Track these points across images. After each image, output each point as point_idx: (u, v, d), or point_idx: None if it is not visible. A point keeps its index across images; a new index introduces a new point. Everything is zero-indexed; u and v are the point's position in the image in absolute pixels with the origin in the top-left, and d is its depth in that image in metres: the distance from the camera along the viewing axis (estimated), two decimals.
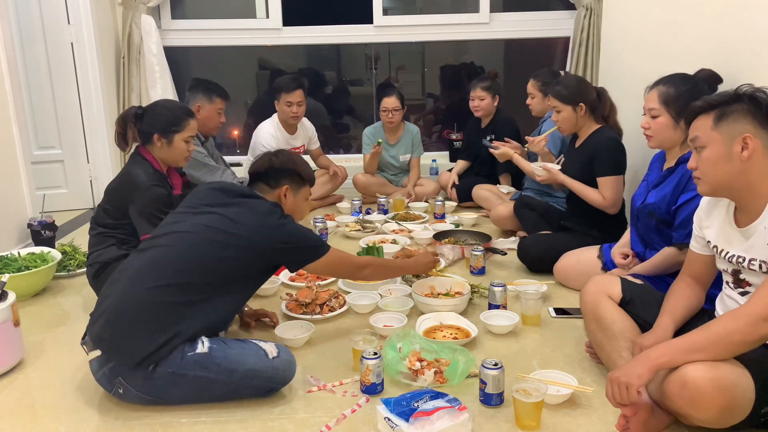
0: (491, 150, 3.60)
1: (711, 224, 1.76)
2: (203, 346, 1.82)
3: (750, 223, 1.61)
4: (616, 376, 1.54)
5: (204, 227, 1.93)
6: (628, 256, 2.41)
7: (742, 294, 1.68)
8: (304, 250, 2.04)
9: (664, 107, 2.20)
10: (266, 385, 1.87)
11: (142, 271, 1.87)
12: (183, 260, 1.87)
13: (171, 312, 1.82)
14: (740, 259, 1.63)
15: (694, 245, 1.85)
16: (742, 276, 1.66)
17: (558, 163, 3.13)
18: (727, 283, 1.74)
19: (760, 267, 1.59)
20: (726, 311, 1.69)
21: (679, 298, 1.83)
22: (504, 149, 3.51)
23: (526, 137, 3.49)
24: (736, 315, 1.52)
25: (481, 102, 4.00)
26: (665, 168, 2.25)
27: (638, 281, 2.07)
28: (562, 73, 3.71)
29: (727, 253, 1.68)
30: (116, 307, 1.82)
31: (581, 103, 2.88)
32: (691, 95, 2.12)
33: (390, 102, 4.17)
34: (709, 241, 1.76)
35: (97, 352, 1.83)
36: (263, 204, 2.02)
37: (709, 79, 2.35)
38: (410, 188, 4.32)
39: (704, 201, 1.80)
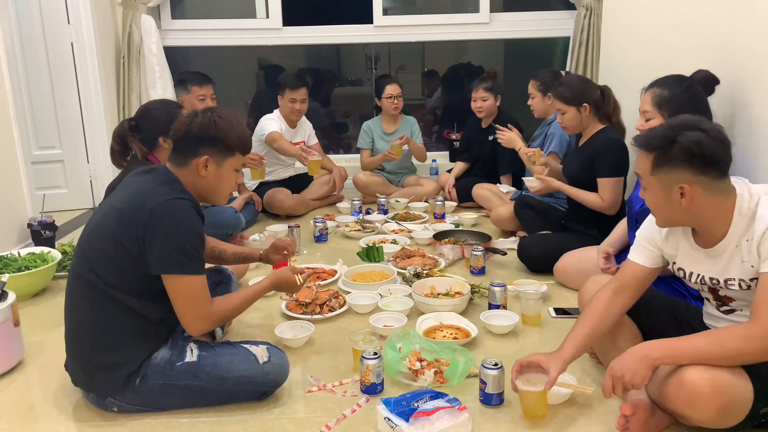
0: (498, 133, 3.60)
1: (672, 249, 1.72)
2: (192, 354, 1.79)
3: (715, 244, 1.59)
4: (620, 374, 1.54)
5: (95, 225, 1.76)
6: (609, 256, 2.41)
7: (728, 312, 1.69)
8: (168, 251, 1.67)
9: (657, 110, 2.20)
10: (258, 389, 1.85)
11: (71, 285, 1.79)
12: (100, 267, 1.72)
13: (108, 326, 1.73)
14: (715, 281, 1.63)
15: (639, 258, 1.77)
16: (721, 293, 1.66)
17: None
18: (708, 300, 1.74)
19: (740, 286, 1.59)
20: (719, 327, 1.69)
21: (597, 318, 1.75)
22: (511, 135, 3.53)
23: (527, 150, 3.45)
24: (750, 337, 1.48)
25: (484, 103, 4.00)
26: None
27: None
28: (563, 73, 3.70)
29: (699, 275, 1.67)
30: (75, 340, 1.80)
31: (585, 104, 2.87)
32: (683, 98, 2.13)
33: (393, 88, 4.22)
34: (674, 263, 1.73)
35: None
36: (150, 181, 1.76)
37: (705, 80, 2.34)
38: (417, 151, 4.33)
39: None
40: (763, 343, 1.47)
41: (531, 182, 3.08)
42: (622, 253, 2.47)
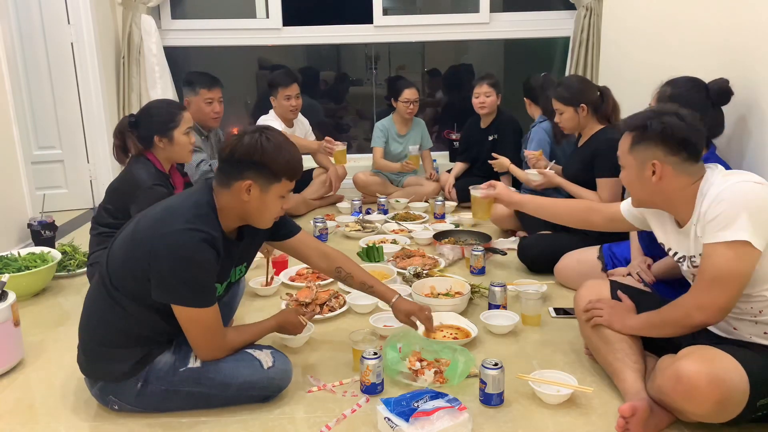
0: (490, 162, 3.69)
1: (661, 231, 1.84)
2: (195, 359, 1.78)
3: (685, 224, 1.70)
4: (606, 306, 1.89)
5: (129, 230, 1.76)
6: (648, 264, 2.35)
7: None
8: (171, 283, 1.65)
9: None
10: (262, 394, 1.85)
11: (95, 285, 1.81)
12: (112, 269, 1.73)
13: (107, 322, 1.75)
14: (694, 259, 1.71)
15: (625, 206, 1.96)
16: (696, 273, 1.71)
17: (550, 168, 3.17)
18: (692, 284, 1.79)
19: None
20: None
21: (566, 204, 2.25)
22: (501, 160, 3.60)
23: (525, 151, 3.52)
24: (678, 305, 1.68)
25: (488, 99, 3.99)
26: None
27: (641, 286, 2.08)
28: (544, 75, 3.78)
29: (680, 255, 1.75)
30: (82, 327, 1.82)
31: (582, 104, 2.88)
32: (686, 96, 2.14)
33: (412, 93, 4.21)
34: (663, 244, 1.83)
35: None
36: (185, 200, 1.74)
37: (719, 90, 2.29)
38: (430, 170, 4.44)
39: None
40: (687, 312, 1.63)
41: (533, 176, 3.10)
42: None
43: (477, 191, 2.38)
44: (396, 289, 2.63)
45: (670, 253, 1.82)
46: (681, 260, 1.77)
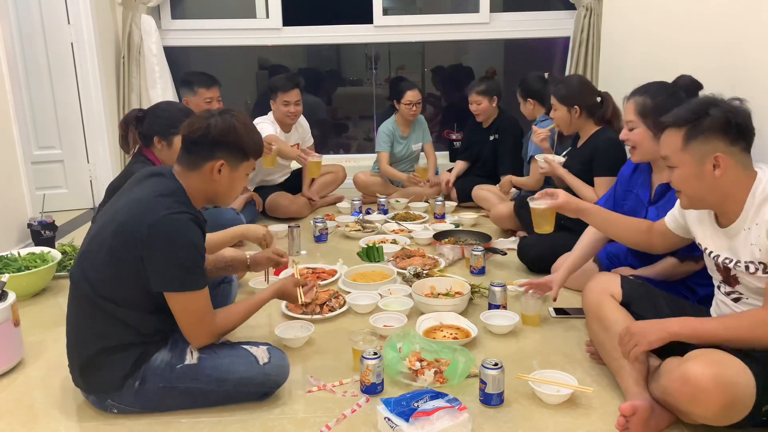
0: (497, 186, 3.77)
1: (699, 227, 1.78)
2: (192, 356, 1.79)
3: (730, 224, 1.64)
4: (634, 331, 1.65)
5: (95, 234, 1.74)
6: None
7: (735, 300, 1.70)
8: (168, 269, 1.66)
9: (641, 119, 2.17)
10: (259, 390, 1.85)
11: (71, 286, 1.78)
12: (95, 279, 1.71)
13: (94, 333, 1.74)
14: (727, 260, 1.67)
15: (672, 223, 1.90)
16: (731, 273, 1.68)
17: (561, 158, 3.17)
18: (719, 287, 1.76)
19: (747, 268, 1.61)
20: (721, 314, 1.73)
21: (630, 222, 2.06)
22: (505, 180, 3.71)
23: (534, 127, 3.52)
24: (760, 322, 1.55)
25: (478, 106, 4.03)
26: (662, 182, 2.21)
27: (639, 281, 2.07)
28: (545, 75, 3.78)
29: (717, 255, 1.71)
30: (72, 346, 1.81)
31: (576, 106, 2.90)
32: (667, 105, 2.09)
33: (415, 95, 4.20)
34: (700, 244, 1.78)
35: None
36: (151, 190, 1.72)
37: (689, 86, 2.29)
38: (431, 174, 4.39)
39: None
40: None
41: (541, 162, 3.11)
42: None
43: (537, 203, 2.19)
44: (396, 289, 2.66)
45: (705, 252, 1.77)
46: (715, 258, 1.72)
